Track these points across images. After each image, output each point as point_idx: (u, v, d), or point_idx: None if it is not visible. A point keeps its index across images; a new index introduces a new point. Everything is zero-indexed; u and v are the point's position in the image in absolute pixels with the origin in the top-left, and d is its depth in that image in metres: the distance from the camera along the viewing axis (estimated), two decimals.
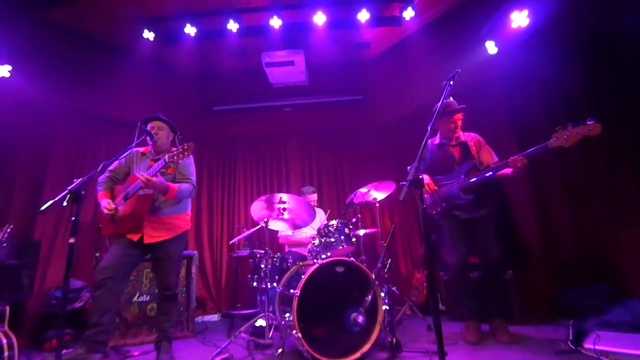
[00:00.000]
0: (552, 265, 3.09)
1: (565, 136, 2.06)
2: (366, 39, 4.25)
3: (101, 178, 2.48)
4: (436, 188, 2.59)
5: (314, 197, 3.89)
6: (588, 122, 2.01)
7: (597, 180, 2.96)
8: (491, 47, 3.39)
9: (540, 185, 3.28)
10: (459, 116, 2.64)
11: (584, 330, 2.21)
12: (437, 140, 2.76)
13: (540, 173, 3.23)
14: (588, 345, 2.04)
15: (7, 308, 2.00)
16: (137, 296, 3.12)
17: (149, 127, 2.49)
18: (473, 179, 2.44)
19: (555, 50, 3.18)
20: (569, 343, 2.16)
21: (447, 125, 2.63)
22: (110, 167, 2.47)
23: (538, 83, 3.30)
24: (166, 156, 2.12)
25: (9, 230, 2.19)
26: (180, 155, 2.09)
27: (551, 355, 2.07)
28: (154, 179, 2.14)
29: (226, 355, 2.40)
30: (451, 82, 1.82)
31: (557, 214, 3.17)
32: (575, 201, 3.07)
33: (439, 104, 1.77)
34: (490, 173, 2.37)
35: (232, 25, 3.72)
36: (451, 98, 2.65)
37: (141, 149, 2.57)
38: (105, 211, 2.28)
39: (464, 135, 2.70)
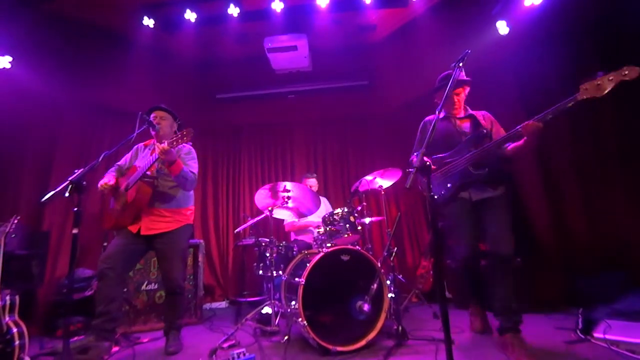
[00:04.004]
0: (564, 252, 3.02)
1: (597, 84, 1.69)
2: (371, 21, 4.10)
3: (113, 167, 2.55)
4: (435, 167, 2.23)
5: (313, 181, 3.85)
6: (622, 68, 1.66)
7: (610, 165, 2.86)
8: (502, 27, 3.25)
9: (551, 170, 3.18)
10: (461, 89, 2.32)
11: (593, 319, 2.16)
12: (441, 114, 2.48)
13: (550, 156, 3.14)
14: (598, 334, 2.00)
15: (17, 297, 2.03)
16: (145, 284, 3.18)
17: (151, 117, 2.50)
18: (481, 150, 2.09)
19: (569, 28, 3.03)
20: (579, 332, 2.13)
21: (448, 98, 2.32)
22: (119, 162, 2.57)
23: (551, 63, 3.15)
24: (166, 142, 2.10)
25: (16, 221, 2.20)
26: (180, 141, 2.07)
27: (561, 345, 2.04)
28: (169, 148, 2.08)
29: (233, 341, 2.42)
30: (460, 64, 1.73)
31: (568, 200, 3.08)
32: (587, 186, 2.98)
33: (448, 87, 1.69)
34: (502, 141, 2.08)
35: (233, 10, 3.61)
36: (463, 72, 2.30)
37: (145, 142, 2.62)
38: (101, 185, 2.30)
39: (471, 111, 2.43)
